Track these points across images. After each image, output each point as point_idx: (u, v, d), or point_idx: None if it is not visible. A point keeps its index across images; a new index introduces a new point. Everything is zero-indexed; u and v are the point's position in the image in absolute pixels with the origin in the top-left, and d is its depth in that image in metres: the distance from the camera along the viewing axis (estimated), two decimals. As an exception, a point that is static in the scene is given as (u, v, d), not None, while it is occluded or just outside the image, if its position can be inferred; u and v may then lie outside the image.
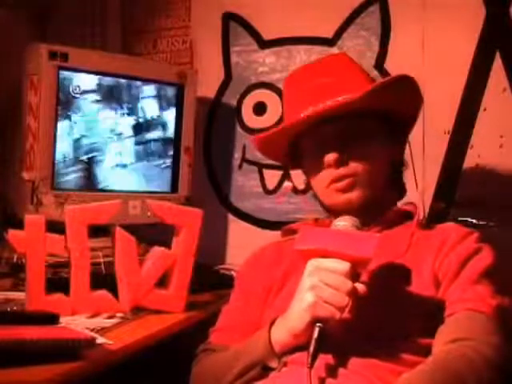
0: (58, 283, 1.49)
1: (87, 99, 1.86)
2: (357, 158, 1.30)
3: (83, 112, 1.86)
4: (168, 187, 2.04)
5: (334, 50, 1.98)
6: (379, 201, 1.33)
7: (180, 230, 1.53)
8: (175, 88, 2.03)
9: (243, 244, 1.83)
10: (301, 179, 1.46)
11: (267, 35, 2.10)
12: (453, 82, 1.83)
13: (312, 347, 1.07)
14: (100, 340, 1.24)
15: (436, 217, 1.75)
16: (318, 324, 1.08)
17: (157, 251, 1.53)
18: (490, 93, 1.81)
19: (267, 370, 1.18)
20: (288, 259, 1.34)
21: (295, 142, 1.39)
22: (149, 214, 1.55)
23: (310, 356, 1.06)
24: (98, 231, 1.56)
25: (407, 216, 1.35)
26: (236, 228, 2.14)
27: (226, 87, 2.15)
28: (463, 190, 1.83)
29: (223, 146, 2.16)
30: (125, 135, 1.95)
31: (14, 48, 1.85)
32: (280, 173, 2.05)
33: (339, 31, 1.99)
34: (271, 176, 2.08)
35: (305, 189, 1.48)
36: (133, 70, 1.95)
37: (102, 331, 1.31)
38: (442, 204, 1.83)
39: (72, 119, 1.84)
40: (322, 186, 1.34)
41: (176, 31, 2.21)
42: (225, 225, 2.15)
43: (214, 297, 1.68)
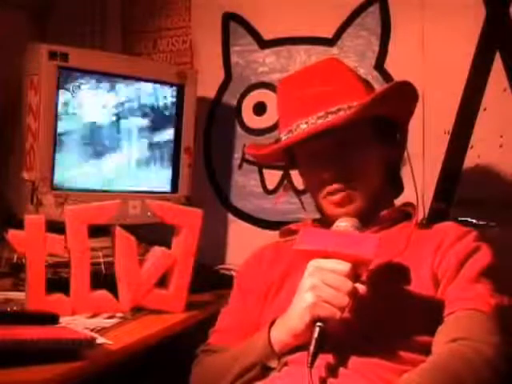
0: (58, 283, 1.49)
1: (87, 99, 1.86)
2: (352, 169, 1.30)
3: (83, 112, 1.86)
4: (168, 187, 2.03)
5: (334, 50, 1.98)
6: (377, 203, 1.33)
7: (180, 230, 1.53)
8: (175, 88, 2.03)
9: (243, 244, 1.82)
10: (301, 179, 1.46)
11: (267, 35, 2.09)
12: (453, 82, 1.83)
13: (312, 347, 1.07)
14: (100, 340, 1.23)
15: (436, 217, 1.75)
16: (319, 324, 1.09)
17: (157, 251, 1.53)
18: (490, 93, 1.80)
19: (267, 371, 1.18)
20: (287, 259, 1.34)
21: (290, 150, 1.38)
22: (149, 214, 1.54)
23: (311, 355, 1.07)
24: (98, 231, 1.55)
25: (405, 216, 1.35)
26: (236, 228, 2.14)
27: (226, 87, 2.15)
28: (463, 190, 1.83)
29: (223, 146, 2.16)
30: (125, 135, 1.95)
31: (14, 48, 1.84)
32: (280, 173, 2.04)
33: (339, 31, 1.99)
34: (271, 176, 2.08)
35: (305, 189, 1.48)
36: (133, 70, 1.95)
37: (102, 331, 1.31)
38: (442, 204, 1.83)
39: (72, 119, 1.84)
40: (319, 197, 1.35)
41: (176, 31, 2.21)
42: (225, 225, 2.15)
43: (214, 297, 1.69)
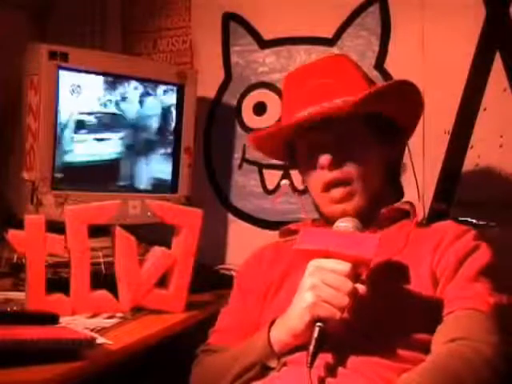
0: (58, 283, 1.49)
1: (87, 99, 1.86)
2: (351, 162, 1.30)
3: (83, 112, 1.86)
4: (168, 187, 2.03)
5: (334, 50, 1.97)
6: (376, 203, 1.33)
7: (180, 230, 1.53)
8: (175, 88, 2.03)
9: (243, 244, 1.83)
10: (301, 179, 1.46)
11: (267, 35, 2.09)
12: (453, 82, 1.83)
13: (312, 347, 1.07)
14: (100, 340, 1.23)
15: (436, 217, 1.75)
16: (318, 324, 1.09)
17: (157, 251, 1.53)
18: (490, 93, 1.80)
19: (267, 370, 1.18)
20: (287, 259, 1.34)
21: (290, 143, 1.39)
22: (149, 214, 1.54)
23: (310, 355, 1.07)
24: (98, 231, 1.55)
25: (404, 215, 1.35)
26: (236, 228, 2.14)
27: (226, 87, 2.15)
28: (463, 190, 1.83)
29: (223, 146, 2.16)
30: (125, 135, 1.95)
31: (14, 48, 1.84)
32: (280, 173, 2.04)
33: (339, 31, 1.99)
34: (271, 176, 2.08)
35: (304, 189, 1.48)
36: (133, 70, 1.95)
37: (102, 331, 1.31)
38: (442, 204, 1.83)
39: (72, 119, 1.84)
40: (317, 191, 1.34)
41: (176, 31, 2.21)
42: (225, 225, 2.15)
43: (214, 297, 1.69)
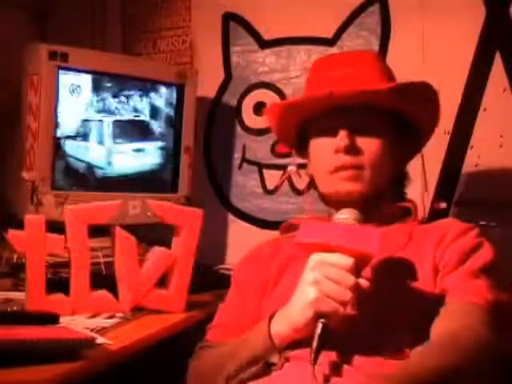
0: (58, 283, 1.49)
1: (87, 99, 1.86)
2: (365, 151, 1.30)
3: (83, 112, 1.86)
4: (168, 187, 2.03)
5: (334, 50, 1.97)
6: (379, 198, 1.33)
7: (180, 230, 1.53)
8: (175, 88, 2.03)
9: (243, 244, 1.82)
10: (301, 179, 1.46)
11: (267, 35, 2.09)
12: (453, 82, 1.83)
13: (315, 343, 1.06)
14: (100, 340, 1.24)
15: (436, 217, 1.75)
16: (322, 320, 1.07)
17: (157, 251, 1.53)
18: (490, 93, 1.81)
19: (269, 367, 1.17)
20: (286, 253, 1.33)
21: (305, 124, 1.38)
22: (149, 214, 1.54)
23: (314, 352, 1.06)
24: (98, 231, 1.55)
25: (406, 212, 1.35)
26: (236, 228, 2.14)
27: (226, 87, 2.15)
28: (463, 190, 1.83)
29: (223, 146, 2.16)
30: (125, 135, 1.95)
31: (14, 48, 1.84)
32: (280, 173, 2.04)
33: (339, 31, 1.99)
34: (271, 176, 2.08)
35: (304, 189, 1.48)
36: (133, 70, 1.95)
37: (102, 331, 1.31)
38: (443, 204, 1.83)
39: (72, 119, 1.84)
40: (325, 171, 1.33)
41: (176, 31, 2.21)
42: (225, 225, 2.15)
43: (214, 297, 1.68)
